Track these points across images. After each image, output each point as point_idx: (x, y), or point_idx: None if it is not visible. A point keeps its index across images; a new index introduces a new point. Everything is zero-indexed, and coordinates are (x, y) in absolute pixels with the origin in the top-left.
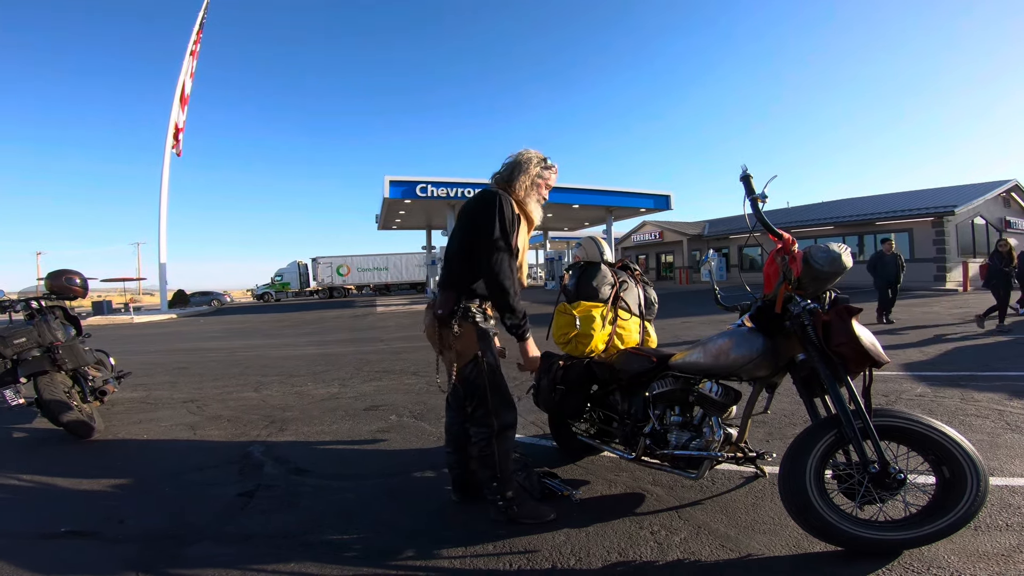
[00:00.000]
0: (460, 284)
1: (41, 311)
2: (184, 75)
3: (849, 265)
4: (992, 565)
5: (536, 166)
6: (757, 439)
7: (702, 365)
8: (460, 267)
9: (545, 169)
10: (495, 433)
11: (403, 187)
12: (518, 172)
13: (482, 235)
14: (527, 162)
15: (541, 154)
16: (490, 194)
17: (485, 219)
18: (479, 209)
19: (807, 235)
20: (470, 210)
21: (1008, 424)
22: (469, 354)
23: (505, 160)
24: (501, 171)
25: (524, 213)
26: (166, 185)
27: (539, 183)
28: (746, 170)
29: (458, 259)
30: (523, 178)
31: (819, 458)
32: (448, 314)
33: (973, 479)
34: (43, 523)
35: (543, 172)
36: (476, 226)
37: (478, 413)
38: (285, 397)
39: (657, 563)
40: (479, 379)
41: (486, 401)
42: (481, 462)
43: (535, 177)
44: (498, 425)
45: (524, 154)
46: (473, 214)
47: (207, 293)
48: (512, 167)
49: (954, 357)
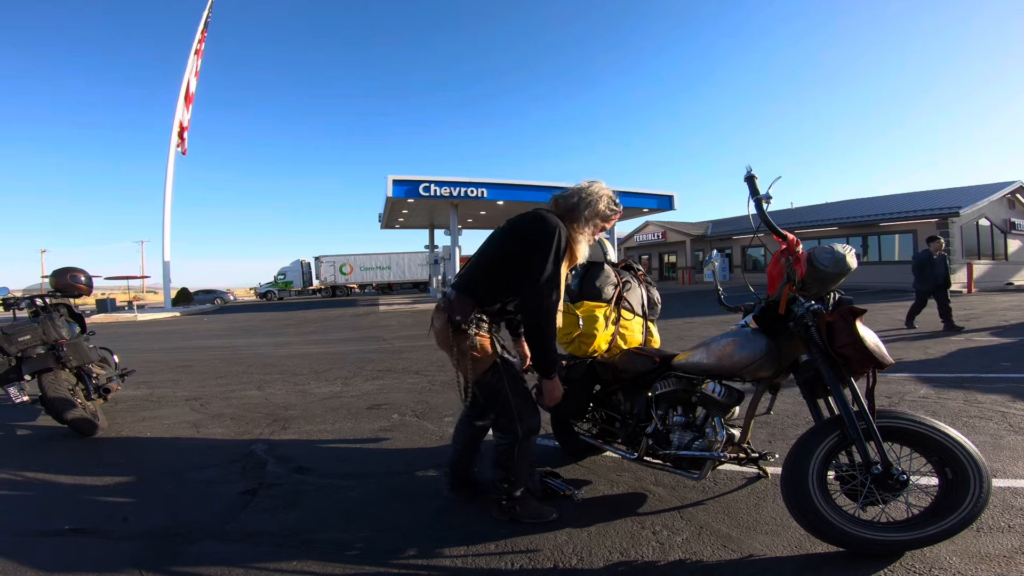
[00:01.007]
0: (483, 295)
1: (46, 308)
2: (189, 74)
3: (854, 266)
4: (994, 567)
5: (605, 206)
6: (760, 440)
7: (705, 365)
8: (490, 279)
9: (612, 211)
10: (520, 439)
11: (406, 186)
12: (584, 207)
13: (534, 266)
14: (598, 199)
15: (612, 193)
16: (552, 223)
17: (541, 249)
18: (537, 235)
19: (811, 236)
20: (524, 231)
21: (1011, 426)
22: (487, 361)
23: (575, 186)
24: (566, 196)
25: (572, 249)
26: (170, 183)
27: (600, 224)
28: (750, 170)
29: (491, 269)
30: (588, 213)
31: (822, 459)
32: (465, 321)
33: (976, 481)
34: (46, 521)
35: (609, 214)
36: (528, 251)
37: (502, 420)
38: (288, 395)
39: (659, 563)
40: (499, 385)
41: (509, 407)
42: (497, 463)
43: (601, 215)
44: (523, 431)
45: (596, 189)
46: (528, 237)
47: (211, 291)
48: (580, 199)
49: (958, 359)
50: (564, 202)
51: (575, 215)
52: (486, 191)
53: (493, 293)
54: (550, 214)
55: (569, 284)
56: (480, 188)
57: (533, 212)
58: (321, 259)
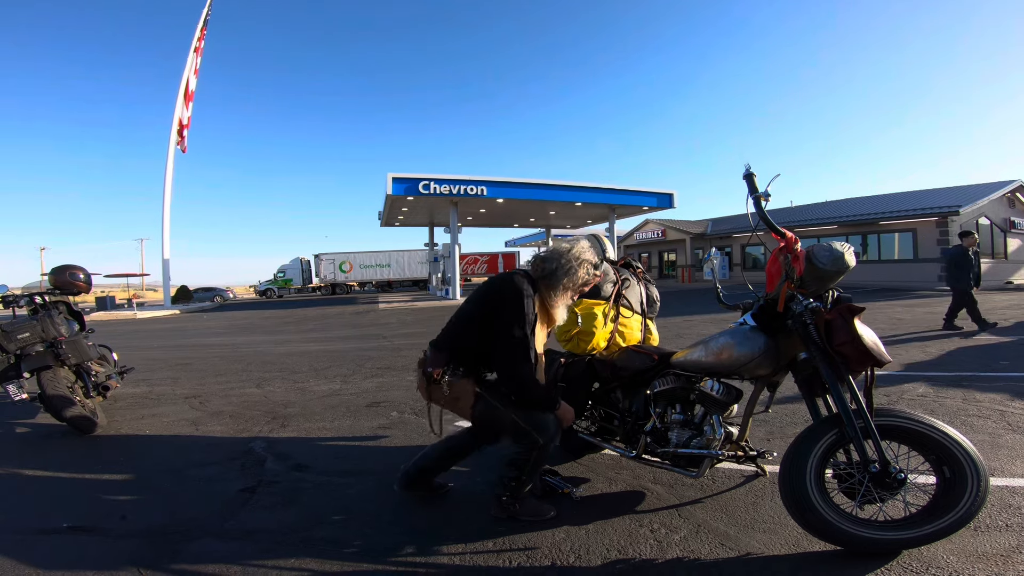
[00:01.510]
0: (457, 352)
1: (45, 306)
2: (188, 71)
3: (852, 264)
4: (991, 566)
5: (585, 274)
6: (758, 438)
7: (704, 363)
8: (461, 337)
9: (593, 276)
10: (541, 445)
11: (406, 184)
12: (563, 274)
13: (502, 331)
14: (576, 267)
15: (592, 256)
16: (518, 290)
17: (508, 315)
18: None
19: (810, 234)
20: (494, 295)
21: (1010, 425)
22: (469, 397)
23: (556, 248)
24: (545, 260)
25: (549, 313)
26: (170, 181)
27: (580, 290)
28: (749, 168)
29: (463, 329)
30: (565, 281)
31: (820, 457)
32: (438, 372)
33: (974, 479)
34: (44, 518)
35: (589, 280)
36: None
37: (518, 437)
38: (287, 393)
39: (657, 561)
40: (493, 411)
41: (517, 424)
42: (511, 463)
43: (579, 284)
44: (544, 439)
45: (577, 253)
46: (497, 302)
47: (210, 289)
48: (559, 265)
49: (956, 357)
50: (543, 267)
51: (552, 281)
52: (486, 189)
53: (464, 351)
54: (523, 279)
55: None
56: (480, 186)
57: (506, 276)
58: (321, 257)
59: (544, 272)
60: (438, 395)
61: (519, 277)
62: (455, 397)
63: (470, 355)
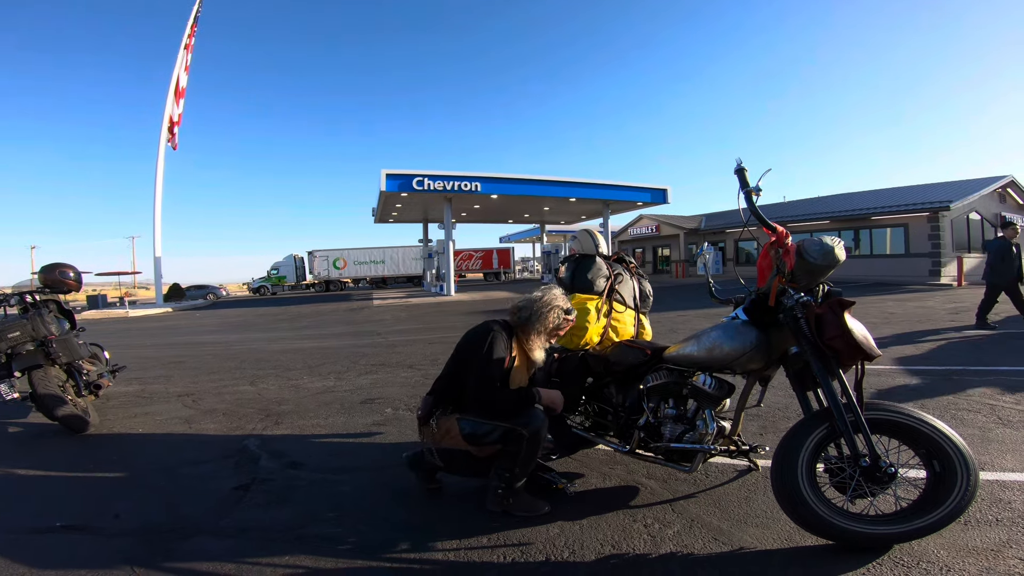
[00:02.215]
0: (441, 396)
1: (35, 305)
2: (179, 68)
3: (842, 258)
4: (982, 560)
5: (555, 318)
6: (750, 432)
7: (696, 358)
8: (448, 391)
9: (564, 320)
10: (527, 438)
11: (400, 180)
12: (535, 320)
13: (471, 368)
14: (547, 312)
15: (564, 303)
16: (483, 337)
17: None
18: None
19: (802, 229)
20: (466, 345)
21: (1000, 419)
22: (454, 427)
23: (529, 297)
24: (520, 309)
25: (528, 355)
26: (160, 178)
27: (552, 333)
28: (740, 163)
29: (449, 384)
30: (537, 326)
31: (811, 452)
32: (426, 415)
33: (963, 473)
34: (37, 517)
35: (560, 323)
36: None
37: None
38: (280, 391)
39: (650, 556)
40: (480, 427)
41: (502, 429)
42: (505, 456)
43: (550, 329)
44: (528, 432)
45: (548, 300)
46: (465, 347)
47: (203, 287)
48: (532, 312)
49: (947, 351)
50: (519, 314)
51: (527, 326)
52: (480, 185)
53: (449, 394)
54: (495, 324)
55: (562, 277)
56: (474, 182)
57: (480, 327)
58: (314, 253)
59: (520, 319)
60: (429, 434)
61: (491, 323)
62: (444, 432)
63: (455, 399)
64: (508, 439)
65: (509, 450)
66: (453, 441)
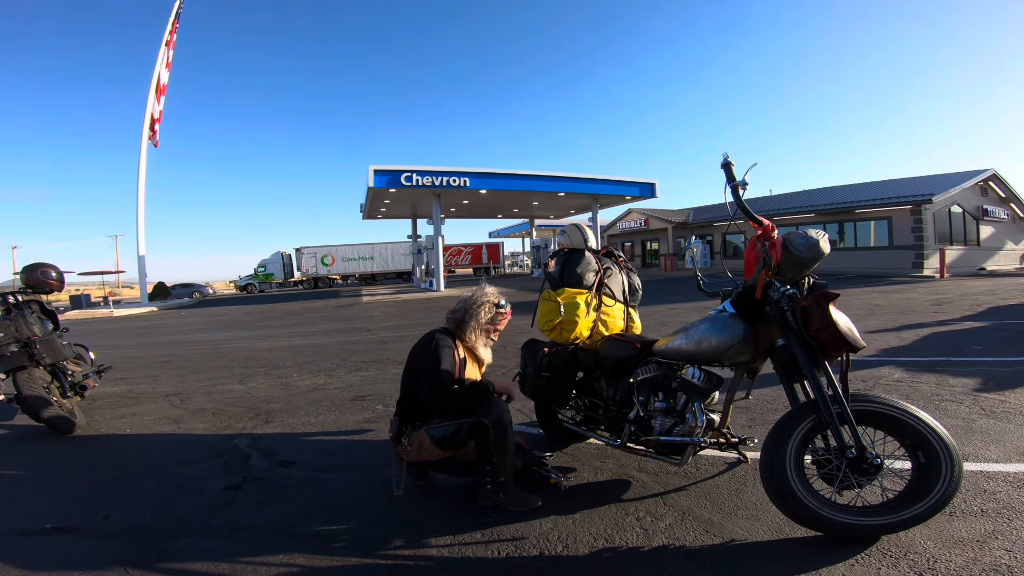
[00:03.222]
0: (408, 412)
1: (18, 306)
2: (160, 65)
3: (827, 251)
4: (967, 551)
5: (487, 313)
6: (739, 425)
7: (684, 351)
8: (409, 402)
9: (497, 314)
10: (489, 427)
11: (388, 176)
12: (468, 318)
13: (422, 379)
14: (479, 308)
15: (495, 297)
16: (428, 337)
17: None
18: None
19: (788, 222)
20: (412, 356)
21: (983, 410)
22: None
23: (460, 296)
24: (454, 311)
25: (474, 353)
26: (143, 176)
27: (488, 328)
28: (727, 157)
29: (408, 395)
30: (472, 323)
31: (798, 443)
32: (397, 435)
33: (947, 464)
34: (26, 520)
35: (495, 318)
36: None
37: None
38: (270, 389)
39: (643, 549)
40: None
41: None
42: (480, 450)
43: (484, 324)
44: (490, 421)
45: (477, 298)
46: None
47: (188, 285)
48: (465, 310)
49: (931, 343)
50: (453, 316)
51: (464, 327)
52: (468, 180)
53: (411, 411)
54: (435, 332)
55: (551, 271)
56: (462, 177)
57: (423, 338)
58: (302, 250)
59: (456, 320)
60: (406, 452)
61: (432, 331)
62: (418, 446)
63: (420, 414)
64: (474, 433)
65: (480, 443)
66: (429, 453)
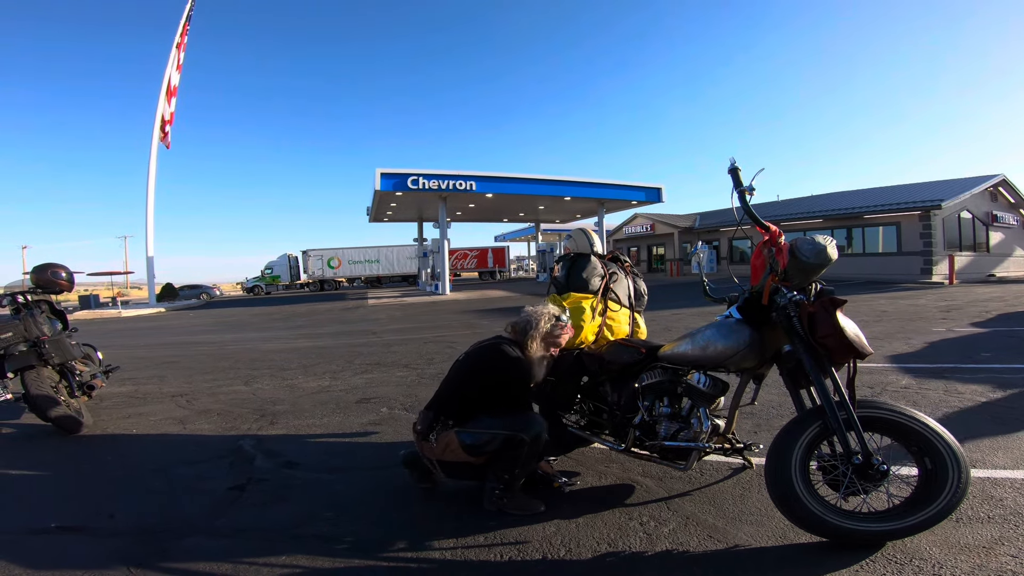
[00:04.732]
0: (444, 412)
1: (27, 305)
2: (171, 67)
3: (834, 257)
4: (974, 557)
5: (547, 323)
6: (745, 430)
7: (690, 356)
8: (451, 401)
9: (558, 326)
10: (528, 442)
11: (394, 179)
12: (530, 328)
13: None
14: (539, 319)
15: (556, 311)
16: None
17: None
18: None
19: (796, 228)
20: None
21: (991, 416)
22: (454, 442)
23: (526, 309)
24: (517, 323)
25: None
26: (153, 177)
27: (548, 340)
28: (734, 163)
29: (450, 399)
30: (533, 333)
31: (804, 449)
32: (426, 430)
33: (954, 471)
34: (32, 519)
35: (554, 330)
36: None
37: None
38: (275, 390)
39: (646, 554)
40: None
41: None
42: (505, 460)
43: (544, 334)
44: (529, 437)
45: (539, 311)
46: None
47: (196, 287)
48: (528, 322)
49: (939, 349)
50: (516, 327)
51: (526, 338)
52: (475, 184)
53: (451, 412)
54: (503, 342)
55: (557, 276)
56: (469, 181)
57: (490, 343)
58: (309, 253)
59: (519, 331)
60: (429, 449)
61: (499, 338)
62: (444, 446)
63: (455, 415)
64: (509, 446)
65: (510, 455)
66: (453, 455)
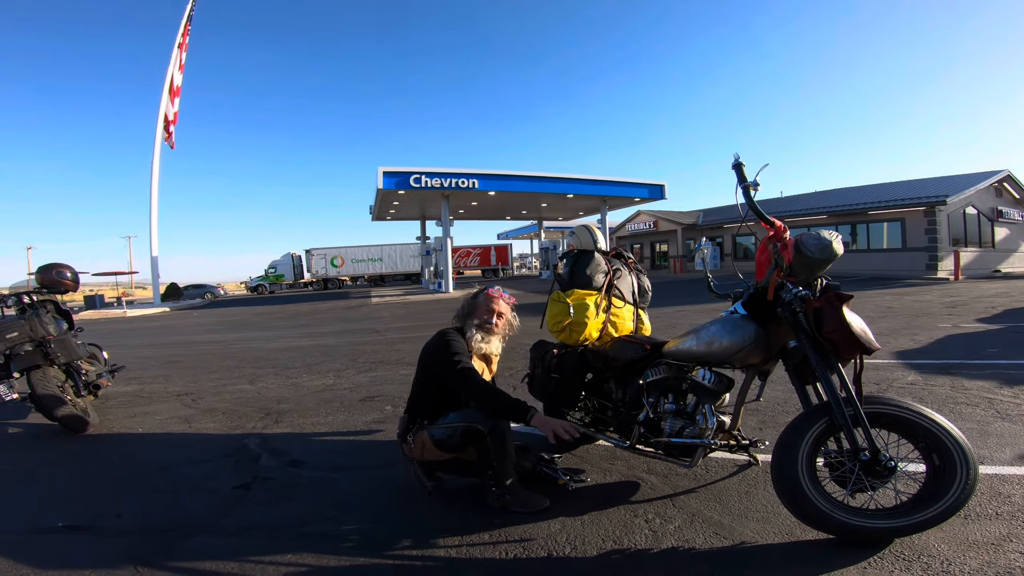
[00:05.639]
0: (418, 412)
1: (32, 305)
2: (173, 67)
3: (840, 252)
4: (982, 554)
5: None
6: (750, 427)
7: (695, 353)
8: (421, 401)
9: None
10: (486, 434)
11: (397, 178)
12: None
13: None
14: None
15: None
16: (441, 334)
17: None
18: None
19: (800, 223)
20: (427, 353)
21: (998, 412)
22: (428, 442)
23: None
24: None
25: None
26: (156, 177)
27: (485, 313)
28: (738, 158)
29: (420, 394)
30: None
31: (810, 446)
32: (403, 433)
33: (962, 467)
34: (39, 518)
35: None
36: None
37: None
38: (280, 389)
39: (651, 551)
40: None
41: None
42: (480, 455)
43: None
44: (486, 428)
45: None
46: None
47: (200, 286)
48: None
49: (945, 345)
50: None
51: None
52: (477, 182)
53: (420, 408)
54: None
55: (561, 273)
56: (471, 179)
57: (435, 336)
58: (312, 252)
59: (460, 316)
60: (409, 450)
61: (444, 329)
62: (421, 446)
63: (427, 413)
64: (470, 438)
65: (479, 448)
66: (431, 453)
